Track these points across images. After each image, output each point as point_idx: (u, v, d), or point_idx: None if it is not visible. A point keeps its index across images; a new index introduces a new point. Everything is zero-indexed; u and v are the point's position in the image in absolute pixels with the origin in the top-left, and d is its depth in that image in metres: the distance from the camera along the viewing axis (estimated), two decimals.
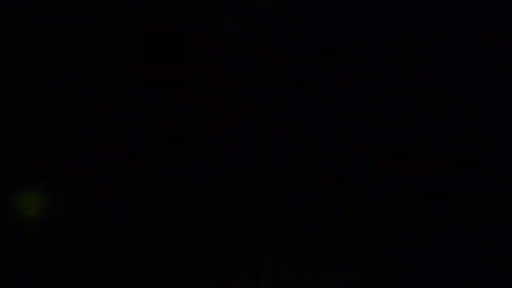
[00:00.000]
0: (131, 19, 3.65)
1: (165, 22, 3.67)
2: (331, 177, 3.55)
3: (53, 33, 3.62)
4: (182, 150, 3.59)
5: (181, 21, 3.68)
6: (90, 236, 3.40)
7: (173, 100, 3.63)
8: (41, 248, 3.35)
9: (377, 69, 3.69)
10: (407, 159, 3.56)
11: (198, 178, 3.55)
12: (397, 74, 3.69)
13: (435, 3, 3.68)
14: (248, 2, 3.69)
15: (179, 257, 3.37)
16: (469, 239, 3.33)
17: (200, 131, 3.61)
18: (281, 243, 3.39)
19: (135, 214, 3.46)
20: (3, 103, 3.58)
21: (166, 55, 3.66)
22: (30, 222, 3.39)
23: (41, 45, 3.62)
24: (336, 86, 3.68)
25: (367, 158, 3.58)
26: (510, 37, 3.66)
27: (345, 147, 3.61)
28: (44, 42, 3.62)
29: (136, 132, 3.60)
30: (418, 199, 3.48)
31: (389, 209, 3.45)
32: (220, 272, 3.32)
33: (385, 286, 3.25)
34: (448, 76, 3.68)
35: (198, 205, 3.49)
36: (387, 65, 3.69)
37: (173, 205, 3.49)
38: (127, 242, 3.40)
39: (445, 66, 3.68)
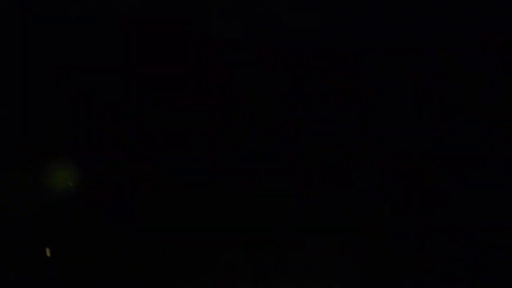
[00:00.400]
0: (131, 19, 3.65)
1: (165, 22, 3.67)
2: (331, 177, 3.55)
3: (53, 33, 3.62)
4: (182, 150, 3.59)
5: (181, 21, 3.68)
6: (90, 236, 3.40)
7: (173, 100, 3.63)
8: (40, 248, 3.35)
9: (377, 69, 3.69)
10: (407, 159, 3.56)
11: (198, 178, 3.55)
12: (397, 74, 3.69)
13: (435, 3, 3.68)
14: (248, 2, 3.69)
15: (178, 257, 3.37)
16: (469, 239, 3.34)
17: (200, 131, 3.62)
18: (281, 243, 3.39)
19: (135, 214, 3.46)
20: (3, 103, 3.58)
21: (166, 55, 3.66)
22: (29, 222, 3.39)
23: (41, 45, 3.62)
24: (336, 86, 3.68)
25: (366, 158, 3.58)
26: (510, 37, 3.66)
27: (345, 147, 3.61)
28: (44, 42, 3.62)
29: (136, 132, 3.60)
30: (418, 199, 3.48)
31: (389, 209, 3.45)
32: (220, 272, 3.32)
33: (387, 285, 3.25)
34: (448, 76, 3.68)
35: (198, 205, 3.49)
36: (387, 65, 3.69)
37: (173, 205, 3.48)
38: (127, 242, 3.39)
39: (445, 66, 3.68)
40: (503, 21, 3.66)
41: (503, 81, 3.63)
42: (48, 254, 3.17)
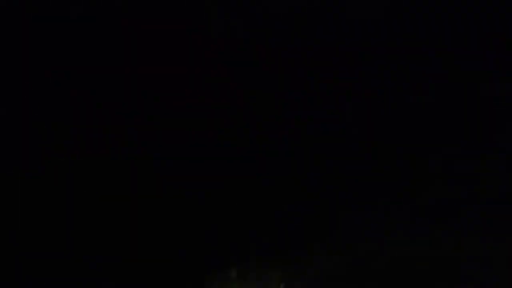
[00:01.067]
0: (131, 19, 3.65)
1: (165, 22, 3.67)
2: (331, 176, 3.55)
3: (53, 33, 3.62)
4: (182, 149, 3.59)
5: (181, 21, 3.68)
6: (91, 235, 3.40)
7: (173, 100, 3.63)
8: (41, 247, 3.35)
9: (377, 69, 3.69)
10: (407, 158, 3.57)
11: (198, 178, 3.55)
12: (397, 74, 3.69)
13: (435, 3, 3.69)
14: (248, 2, 3.69)
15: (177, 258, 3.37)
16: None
17: (200, 130, 3.62)
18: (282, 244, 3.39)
19: (135, 213, 3.46)
20: (3, 103, 3.58)
21: (166, 55, 3.66)
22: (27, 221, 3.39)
23: (41, 45, 3.62)
24: (336, 86, 3.68)
25: (366, 158, 3.58)
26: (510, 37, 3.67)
27: (344, 146, 3.61)
28: (44, 42, 3.62)
29: (136, 131, 3.60)
30: (418, 197, 3.48)
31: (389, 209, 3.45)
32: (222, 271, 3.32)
33: None
34: (448, 76, 3.69)
35: (197, 204, 3.49)
36: (387, 65, 3.69)
37: (173, 204, 3.49)
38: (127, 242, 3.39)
39: (445, 66, 3.69)
40: (503, 21, 3.66)
41: (503, 81, 3.64)
42: None
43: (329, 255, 3.30)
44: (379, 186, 3.52)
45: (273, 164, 3.59)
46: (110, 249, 3.36)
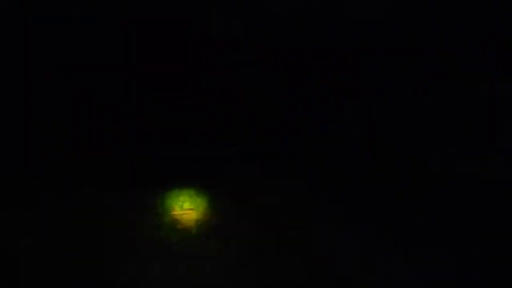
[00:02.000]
0: (131, 19, 3.66)
1: (165, 22, 3.68)
2: (331, 176, 3.55)
3: (53, 33, 3.63)
4: (181, 149, 3.59)
5: (181, 21, 3.69)
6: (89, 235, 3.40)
7: (173, 100, 3.64)
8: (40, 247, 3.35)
9: (377, 69, 3.70)
10: (407, 158, 3.57)
11: (198, 177, 3.55)
12: (397, 74, 3.69)
13: (435, 3, 3.69)
14: (248, 2, 3.70)
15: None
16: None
17: (200, 130, 3.62)
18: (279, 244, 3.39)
19: (134, 211, 3.47)
20: (3, 103, 3.59)
21: (166, 55, 3.66)
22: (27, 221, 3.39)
23: (41, 45, 3.63)
24: (336, 86, 3.68)
25: (366, 157, 3.58)
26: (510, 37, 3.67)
27: (344, 146, 3.61)
28: (44, 42, 3.62)
29: (136, 131, 3.61)
30: (418, 197, 3.48)
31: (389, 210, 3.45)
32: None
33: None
34: (448, 77, 3.69)
35: (196, 203, 3.49)
36: (387, 65, 3.69)
37: (171, 202, 3.49)
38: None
39: (445, 66, 3.69)
40: (503, 21, 3.67)
41: (503, 81, 3.64)
42: None
43: (328, 254, 3.30)
44: (379, 186, 3.52)
45: (273, 164, 3.59)
46: None
